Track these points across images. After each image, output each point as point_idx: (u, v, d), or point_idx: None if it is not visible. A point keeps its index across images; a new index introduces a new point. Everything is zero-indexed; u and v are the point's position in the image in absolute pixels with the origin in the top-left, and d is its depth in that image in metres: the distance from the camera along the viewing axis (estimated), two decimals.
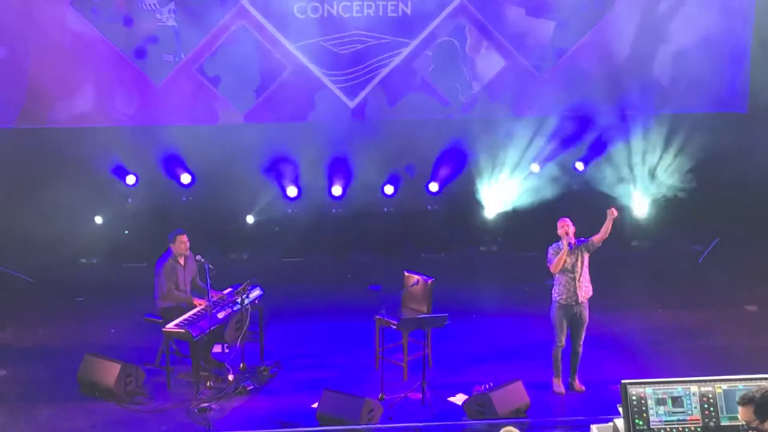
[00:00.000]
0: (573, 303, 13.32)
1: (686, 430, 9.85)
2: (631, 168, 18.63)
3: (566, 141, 18.61)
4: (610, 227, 13.31)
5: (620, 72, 18.46)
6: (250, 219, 18.47)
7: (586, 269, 13.39)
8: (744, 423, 9.04)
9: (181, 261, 14.15)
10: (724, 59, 18.65)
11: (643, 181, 18.68)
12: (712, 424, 9.85)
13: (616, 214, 13.38)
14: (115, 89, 17.83)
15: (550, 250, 13.37)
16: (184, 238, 14.15)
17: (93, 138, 17.66)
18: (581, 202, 18.09)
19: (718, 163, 18.26)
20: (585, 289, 13.38)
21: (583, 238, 13.37)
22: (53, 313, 16.31)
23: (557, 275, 13.35)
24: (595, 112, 18.42)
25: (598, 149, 18.67)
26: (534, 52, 18.45)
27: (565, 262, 13.26)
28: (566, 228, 13.27)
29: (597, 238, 13.33)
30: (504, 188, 18.62)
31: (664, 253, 18.68)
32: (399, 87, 18.40)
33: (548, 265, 13.34)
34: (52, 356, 14.64)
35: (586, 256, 13.37)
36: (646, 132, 18.50)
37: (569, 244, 13.21)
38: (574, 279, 13.28)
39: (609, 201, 18.18)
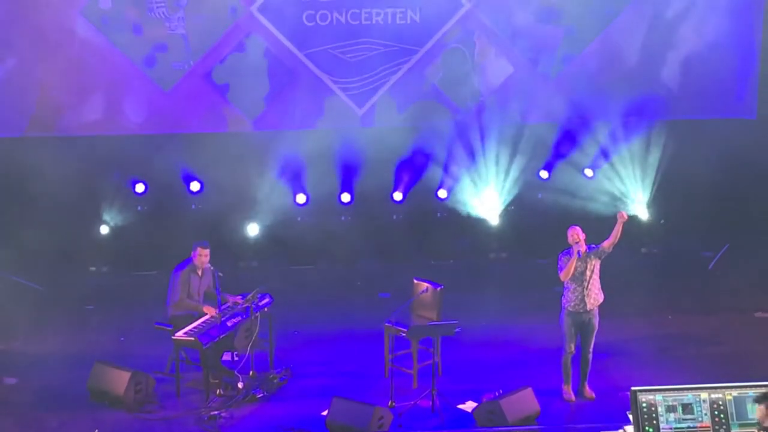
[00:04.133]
0: (582, 310, 13.32)
1: None
2: (639, 174, 18.61)
3: (575, 147, 18.59)
4: (620, 231, 13.28)
5: (629, 78, 18.44)
6: (253, 229, 18.38)
7: (596, 276, 13.38)
8: (757, 421, 9.07)
9: (199, 272, 14.18)
10: (733, 65, 18.63)
11: (650, 187, 18.65)
12: (722, 431, 9.85)
13: (626, 217, 13.37)
14: (125, 97, 17.84)
15: (562, 258, 13.35)
16: (206, 252, 14.16)
17: (102, 146, 17.65)
18: (590, 209, 18.10)
19: (728, 169, 18.23)
20: (594, 297, 13.36)
21: (593, 245, 13.36)
22: (63, 321, 16.32)
23: (567, 283, 13.35)
24: (604, 118, 18.41)
25: (606, 155, 18.64)
26: (543, 59, 18.44)
27: (575, 269, 13.26)
28: (576, 236, 13.26)
29: (607, 244, 13.31)
30: (513, 195, 18.61)
31: (674, 259, 18.65)
32: (408, 94, 18.38)
33: (559, 273, 13.34)
34: (62, 364, 14.64)
35: (597, 263, 13.36)
36: (655, 138, 18.47)
37: (578, 252, 13.20)
38: (582, 287, 13.27)
39: (617, 207, 18.21)
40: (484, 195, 18.60)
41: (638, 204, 18.61)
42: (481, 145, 18.42)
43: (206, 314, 13.86)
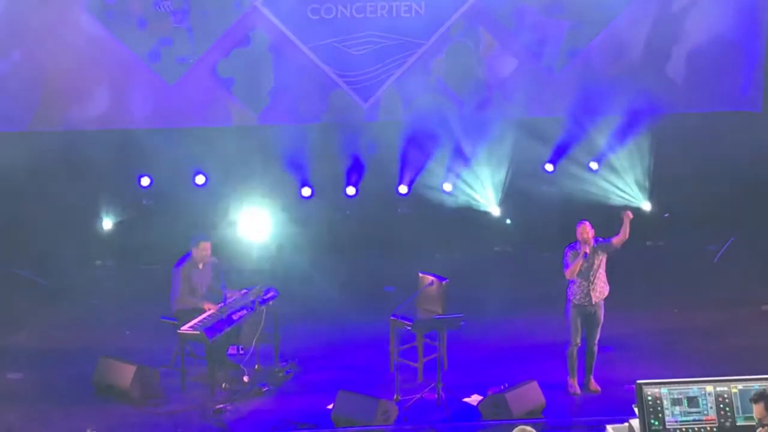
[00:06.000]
0: (587, 303, 13.30)
1: (702, 430, 9.86)
2: (644, 167, 18.58)
3: (580, 140, 18.57)
4: (628, 229, 13.24)
5: (634, 71, 18.43)
6: (257, 222, 18.31)
7: (602, 271, 13.35)
8: (757, 420, 9.07)
9: (200, 266, 14.16)
10: (738, 58, 18.61)
11: (656, 180, 18.63)
12: (728, 424, 9.85)
13: (631, 216, 13.33)
14: (129, 91, 17.85)
15: (568, 253, 13.29)
16: (207, 245, 14.16)
17: (107, 140, 17.66)
18: (595, 202, 18.09)
19: (733, 163, 18.20)
20: (599, 291, 13.34)
21: (602, 239, 13.31)
22: (68, 315, 16.34)
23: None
24: (609, 112, 18.38)
25: (611, 148, 18.62)
26: (547, 52, 18.42)
27: (581, 264, 13.22)
28: (585, 234, 13.18)
29: (616, 240, 13.28)
30: (517, 188, 18.59)
31: (679, 252, 18.63)
32: (412, 87, 18.37)
33: (564, 270, 13.30)
34: (67, 359, 14.65)
35: (604, 258, 13.33)
36: (660, 131, 18.44)
37: (584, 254, 13.14)
38: (588, 281, 13.25)
39: (623, 200, 18.22)
40: (489, 188, 18.59)
41: (641, 197, 18.59)
42: (485, 138, 18.40)
43: (207, 310, 13.85)
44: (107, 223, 18.26)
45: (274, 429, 12.80)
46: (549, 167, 18.66)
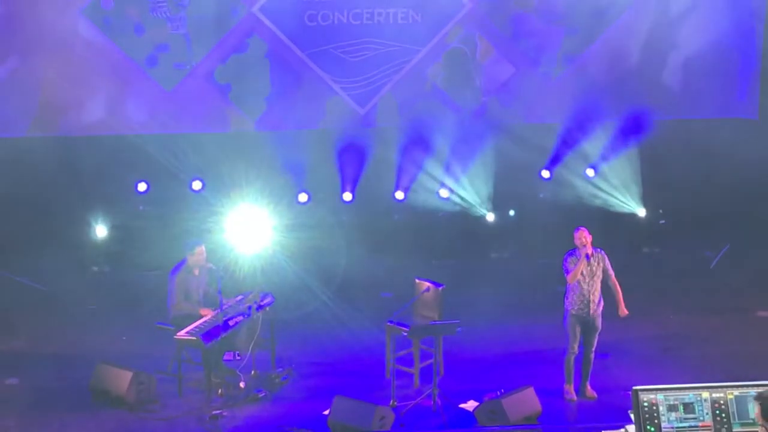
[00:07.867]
0: (584, 314, 13.31)
1: None
2: (641, 173, 18.60)
3: (576, 147, 18.59)
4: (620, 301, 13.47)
5: (630, 78, 18.45)
6: (254, 228, 18.28)
7: (599, 285, 13.35)
8: (753, 420, 9.11)
9: (196, 271, 14.16)
10: (734, 65, 18.64)
11: (652, 187, 18.65)
12: (723, 430, 9.84)
13: (626, 314, 13.58)
14: (127, 97, 17.87)
15: (568, 259, 13.31)
16: (202, 249, 14.17)
17: (105, 146, 17.69)
18: (592, 208, 18.10)
19: (729, 169, 18.22)
20: (596, 303, 13.34)
21: (604, 254, 13.32)
22: (65, 321, 16.33)
23: (572, 285, 13.32)
24: (605, 118, 18.40)
25: (608, 155, 18.64)
26: (544, 59, 18.45)
27: (583, 268, 13.23)
28: (583, 239, 13.22)
29: (613, 281, 13.37)
30: (513, 194, 18.60)
31: (676, 258, 18.65)
32: (410, 94, 18.41)
33: (565, 275, 13.31)
34: (64, 364, 14.65)
35: (600, 271, 13.33)
36: (656, 138, 18.46)
37: (587, 255, 13.17)
38: (588, 291, 13.25)
39: (619, 207, 18.24)
40: (485, 195, 18.60)
41: (637, 203, 18.61)
42: (482, 144, 18.42)
43: (203, 316, 13.85)
44: (104, 229, 18.25)
45: None
46: (545, 174, 18.67)
